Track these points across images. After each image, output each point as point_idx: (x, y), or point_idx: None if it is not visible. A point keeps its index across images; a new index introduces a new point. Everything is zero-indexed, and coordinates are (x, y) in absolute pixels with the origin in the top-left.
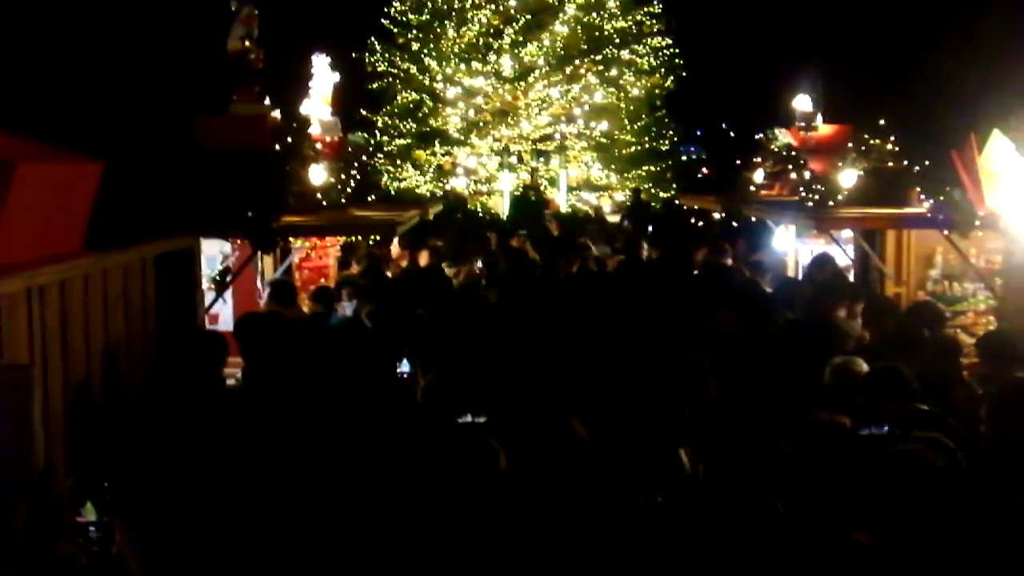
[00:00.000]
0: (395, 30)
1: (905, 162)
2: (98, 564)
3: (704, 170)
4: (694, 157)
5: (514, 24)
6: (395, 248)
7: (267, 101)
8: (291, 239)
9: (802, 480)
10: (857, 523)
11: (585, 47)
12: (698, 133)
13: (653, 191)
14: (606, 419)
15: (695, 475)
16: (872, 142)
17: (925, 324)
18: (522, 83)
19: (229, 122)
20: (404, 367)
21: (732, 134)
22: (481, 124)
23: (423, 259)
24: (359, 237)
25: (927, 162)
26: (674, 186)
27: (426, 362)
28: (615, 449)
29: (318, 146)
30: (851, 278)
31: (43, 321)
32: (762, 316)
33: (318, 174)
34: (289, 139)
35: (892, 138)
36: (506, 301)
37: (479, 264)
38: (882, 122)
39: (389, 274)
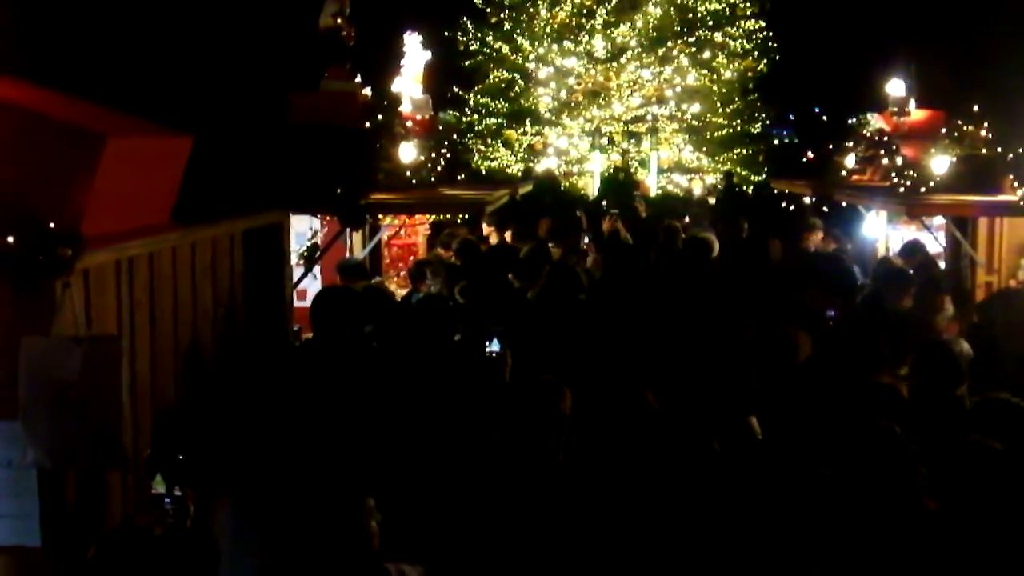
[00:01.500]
0: (487, 9)
1: (999, 149)
2: (173, 536)
3: (809, 154)
4: (786, 141)
5: (607, 4)
6: (485, 227)
7: (358, 78)
8: (380, 216)
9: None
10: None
11: (678, 28)
12: (790, 117)
13: (745, 174)
14: (684, 388)
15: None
16: (965, 128)
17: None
18: (614, 64)
19: (320, 98)
20: (495, 346)
21: (824, 118)
22: (572, 104)
23: (509, 237)
24: (448, 216)
25: (1021, 150)
26: (766, 169)
27: (516, 338)
28: (688, 417)
29: (408, 124)
30: (942, 265)
31: (131, 293)
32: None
33: (408, 152)
34: (380, 116)
35: (985, 124)
36: (601, 279)
37: (585, 240)
38: (976, 108)
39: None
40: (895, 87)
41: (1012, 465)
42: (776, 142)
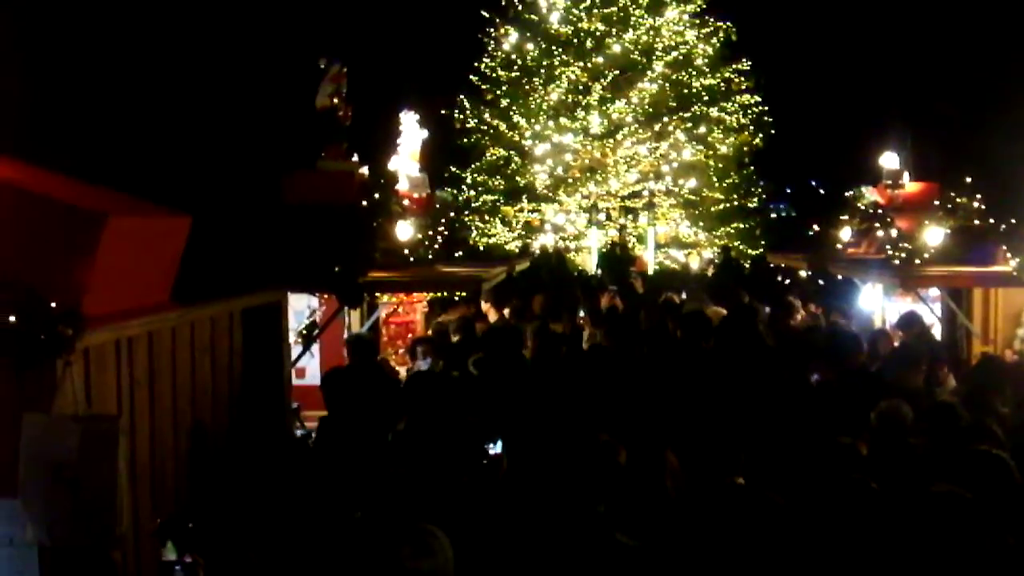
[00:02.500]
0: (484, 87)
1: (991, 220)
2: None
3: (815, 227)
4: (783, 214)
5: (602, 81)
6: (483, 303)
7: (355, 157)
8: (378, 294)
9: None
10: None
11: (673, 104)
12: (787, 190)
13: (742, 248)
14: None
15: None
16: (958, 200)
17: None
18: (610, 140)
19: (317, 178)
20: (496, 449)
21: (821, 191)
22: (569, 181)
23: (506, 314)
24: (445, 293)
25: (1013, 220)
26: (763, 243)
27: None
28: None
29: (406, 202)
30: (938, 337)
31: (131, 372)
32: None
33: (405, 230)
34: (377, 195)
35: (978, 196)
36: (600, 354)
37: (581, 315)
38: (968, 180)
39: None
40: (889, 160)
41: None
42: (773, 216)
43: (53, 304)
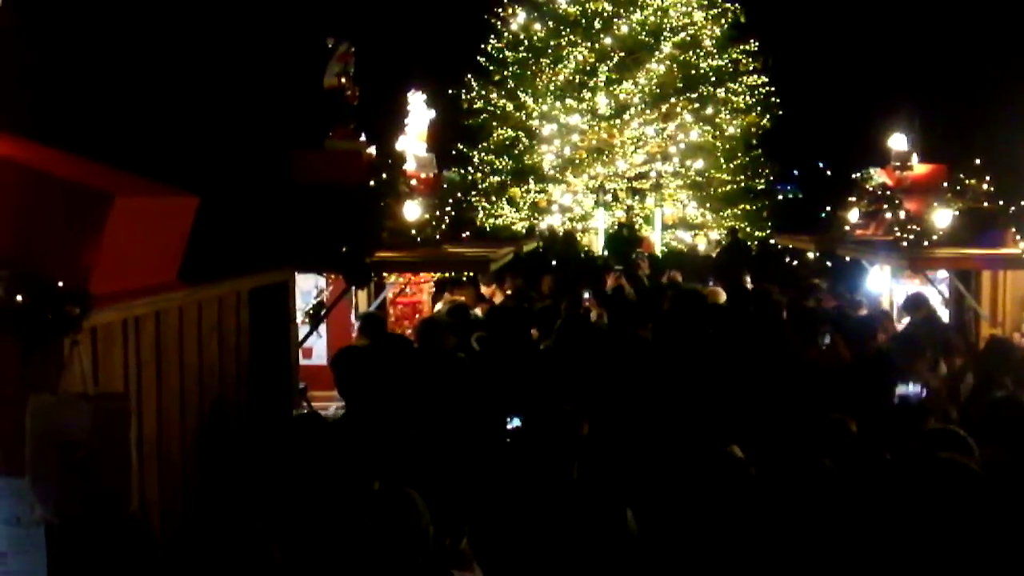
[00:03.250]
0: (491, 67)
1: (1000, 202)
2: None
3: (825, 208)
4: (791, 196)
5: (610, 62)
6: (483, 287)
7: (363, 137)
8: (385, 275)
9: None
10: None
11: (681, 85)
12: (795, 172)
13: (749, 230)
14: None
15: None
16: (967, 182)
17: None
18: (617, 121)
19: (324, 158)
20: (515, 423)
21: (829, 173)
22: (576, 161)
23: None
24: (452, 273)
25: (1022, 202)
26: (770, 225)
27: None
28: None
29: (413, 182)
30: (946, 318)
31: (138, 352)
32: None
33: (412, 210)
34: (384, 175)
35: (987, 178)
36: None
37: (586, 296)
38: (977, 161)
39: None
40: (897, 141)
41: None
42: (780, 197)
43: (59, 283)
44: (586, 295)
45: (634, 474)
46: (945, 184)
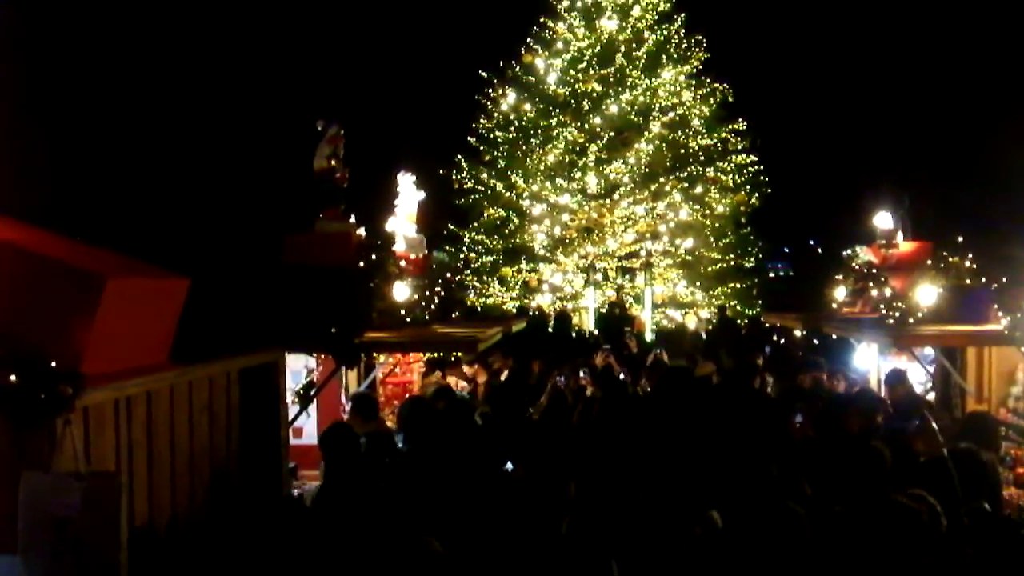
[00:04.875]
0: (481, 147)
1: (983, 279)
2: None
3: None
4: (781, 274)
5: (599, 141)
6: (467, 368)
7: (352, 219)
8: (375, 354)
9: None
10: None
11: (670, 164)
12: (786, 250)
13: (739, 308)
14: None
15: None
16: (951, 259)
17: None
18: (607, 200)
19: (315, 239)
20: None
21: (820, 251)
22: (567, 241)
23: (504, 373)
24: (441, 353)
25: (1005, 279)
26: (760, 303)
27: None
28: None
29: (403, 263)
30: (931, 395)
31: (130, 431)
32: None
33: (402, 291)
34: (373, 256)
35: (970, 255)
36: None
37: (582, 373)
38: (960, 239)
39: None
40: (882, 220)
41: None
42: (772, 275)
43: (53, 363)
44: (582, 373)
45: (619, 529)
46: (929, 262)
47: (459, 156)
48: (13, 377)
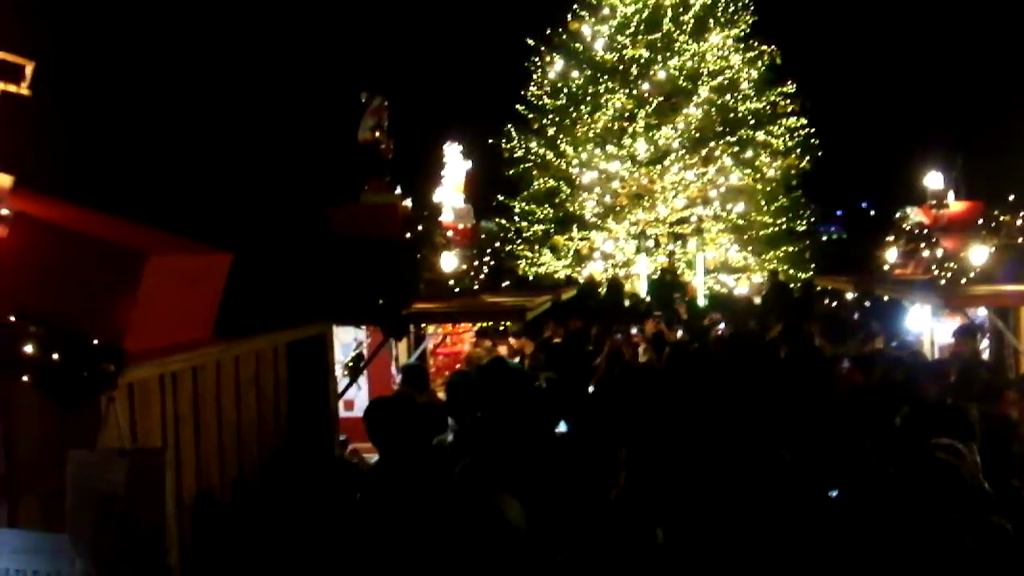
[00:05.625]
0: (530, 116)
1: None
2: None
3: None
4: (834, 237)
5: (648, 108)
6: (513, 341)
7: (398, 190)
8: (424, 325)
9: None
10: None
11: (720, 129)
12: (837, 213)
13: (791, 272)
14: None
15: None
16: (1003, 219)
17: None
18: (657, 166)
19: (361, 211)
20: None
21: (872, 213)
22: (617, 208)
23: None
24: (491, 323)
25: None
26: (812, 266)
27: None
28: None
29: (450, 233)
30: (985, 355)
31: (176, 407)
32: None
33: (450, 261)
34: (420, 227)
35: (1022, 214)
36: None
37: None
38: (1012, 198)
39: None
40: (933, 180)
41: None
42: (824, 239)
43: (94, 341)
44: (634, 331)
45: (667, 497)
46: (981, 221)
47: (508, 125)
48: (55, 356)
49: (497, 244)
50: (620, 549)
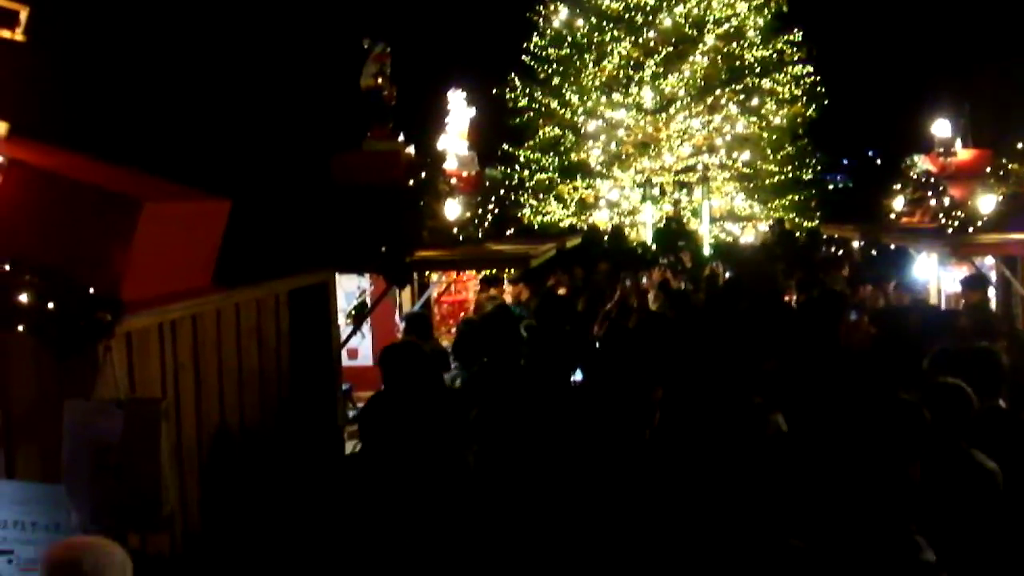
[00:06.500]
0: (535, 65)
1: None
2: None
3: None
4: (840, 186)
5: (654, 56)
6: (511, 288)
7: (401, 137)
8: (428, 273)
9: None
10: None
11: (725, 77)
12: (844, 162)
13: (797, 221)
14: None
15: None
16: (1011, 167)
17: None
18: (663, 115)
19: (363, 158)
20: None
21: (879, 161)
22: (623, 156)
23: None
24: (495, 271)
25: None
26: (818, 215)
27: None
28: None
29: (454, 181)
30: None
31: (175, 356)
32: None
33: (454, 209)
34: (424, 174)
35: None
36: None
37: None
38: (1020, 146)
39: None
40: (940, 128)
41: None
42: (831, 187)
43: (91, 289)
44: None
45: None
46: (989, 169)
47: (512, 74)
48: (51, 305)
49: (501, 192)
50: (658, 487)
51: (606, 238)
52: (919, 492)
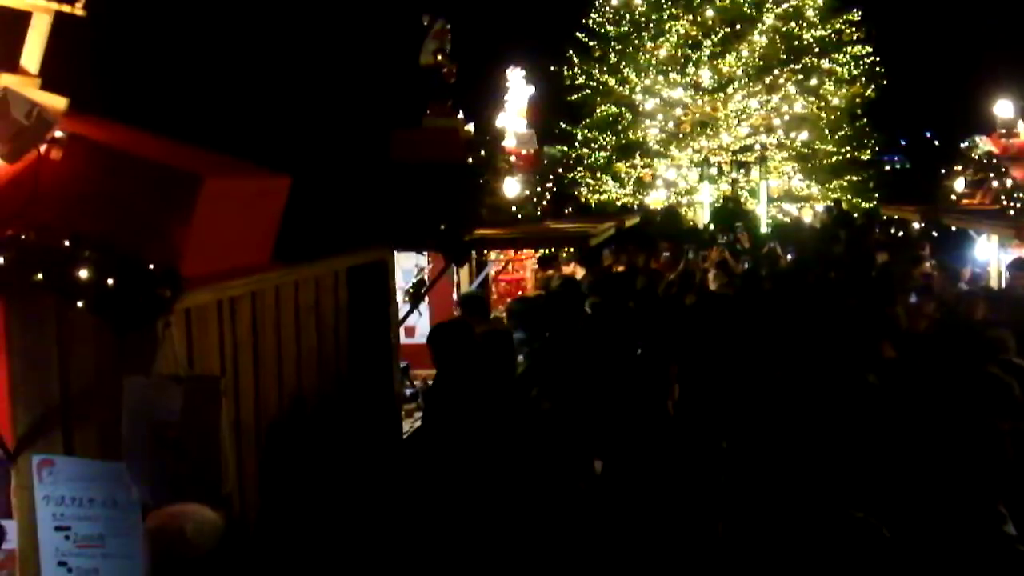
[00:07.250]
0: (593, 43)
1: None
2: None
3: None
4: (898, 167)
5: (712, 35)
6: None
7: (461, 114)
8: (487, 252)
9: None
10: None
11: (784, 57)
12: (902, 142)
13: (855, 201)
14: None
15: None
16: None
17: None
18: (721, 94)
19: (423, 135)
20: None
21: (937, 143)
22: (680, 136)
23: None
24: (553, 249)
25: None
26: (877, 196)
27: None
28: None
29: (512, 159)
30: None
31: (234, 332)
32: None
33: (512, 187)
34: (483, 152)
35: None
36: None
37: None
38: None
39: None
40: (1003, 108)
41: None
42: (888, 168)
43: (150, 266)
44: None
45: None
46: None
47: (570, 52)
48: (111, 281)
49: (559, 170)
50: (682, 456)
51: (658, 219)
52: (1008, 467)
